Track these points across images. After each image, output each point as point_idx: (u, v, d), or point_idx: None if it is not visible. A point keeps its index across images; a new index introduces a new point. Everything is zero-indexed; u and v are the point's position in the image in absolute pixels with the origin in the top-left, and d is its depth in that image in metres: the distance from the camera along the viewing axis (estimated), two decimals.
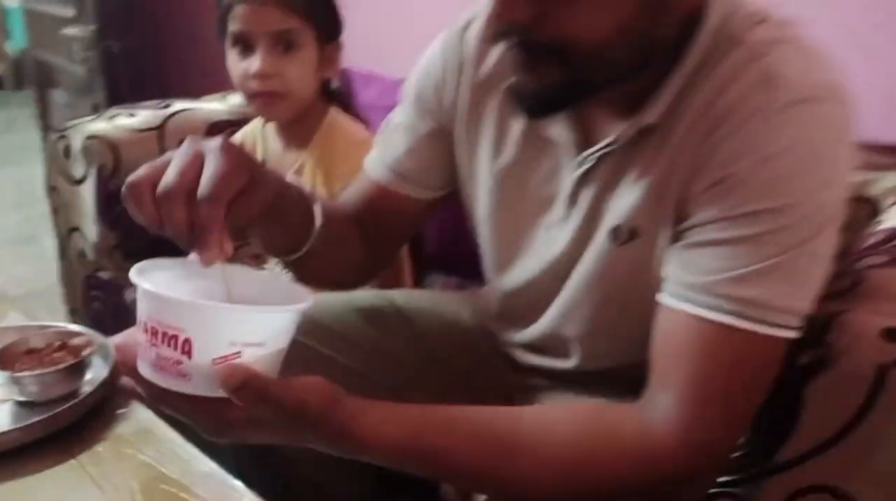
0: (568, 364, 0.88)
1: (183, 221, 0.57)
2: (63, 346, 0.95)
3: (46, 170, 1.49)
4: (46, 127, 2.85)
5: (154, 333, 0.57)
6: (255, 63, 1.12)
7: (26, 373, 0.88)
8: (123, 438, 0.85)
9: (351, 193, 0.93)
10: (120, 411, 0.89)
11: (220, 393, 0.57)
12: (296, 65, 1.14)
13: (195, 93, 1.70)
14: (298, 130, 1.21)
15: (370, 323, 0.95)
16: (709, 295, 0.65)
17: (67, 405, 0.86)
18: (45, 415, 0.85)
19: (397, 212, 0.91)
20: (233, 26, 1.14)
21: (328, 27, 1.18)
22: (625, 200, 0.73)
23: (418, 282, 1.27)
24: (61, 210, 1.48)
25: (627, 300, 0.77)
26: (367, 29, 1.42)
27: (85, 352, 0.92)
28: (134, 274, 0.59)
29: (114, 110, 1.52)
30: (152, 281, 0.58)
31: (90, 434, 0.86)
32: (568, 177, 0.78)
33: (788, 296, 0.64)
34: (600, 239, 0.76)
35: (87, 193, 1.41)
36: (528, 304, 0.88)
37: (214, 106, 1.61)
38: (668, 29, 0.67)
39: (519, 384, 0.96)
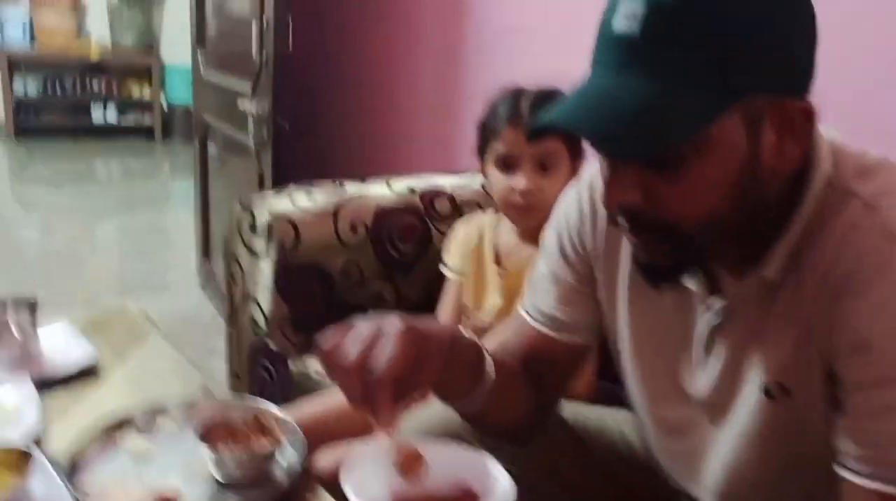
0: None
1: (358, 393, 0.68)
2: (257, 424, 1.00)
3: (228, 240, 1.59)
4: (204, 180, 3.04)
5: None
6: (520, 182, 1.25)
7: (228, 454, 0.93)
8: None
9: (510, 337, 0.96)
10: (308, 495, 0.93)
11: None
12: (553, 182, 1.25)
13: (355, 174, 1.79)
14: (537, 230, 1.28)
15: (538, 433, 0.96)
16: (890, 468, 0.63)
17: (262, 489, 0.91)
18: (242, 499, 0.89)
19: (557, 356, 0.93)
20: (498, 148, 1.27)
21: (579, 142, 1.29)
22: (769, 357, 0.73)
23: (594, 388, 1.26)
24: (238, 278, 1.57)
25: (790, 456, 0.76)
26: None
27: (282, 441, 0.96)
28: (346, 487, 0.68)
29: (293, 189, 1.61)
30: (355, 480, 0.68)
31: None
32: (700, 323, 0.79)
33: None
34: (751, 393, 0.76)
35: (267, 267, 1.49)
36: (687, 450, 0.87)
37: (383, 191, 1.67)
38: (772, 195, 0.68)
39: None
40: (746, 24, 0.62)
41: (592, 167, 0.91)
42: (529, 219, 1.30)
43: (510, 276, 1.34)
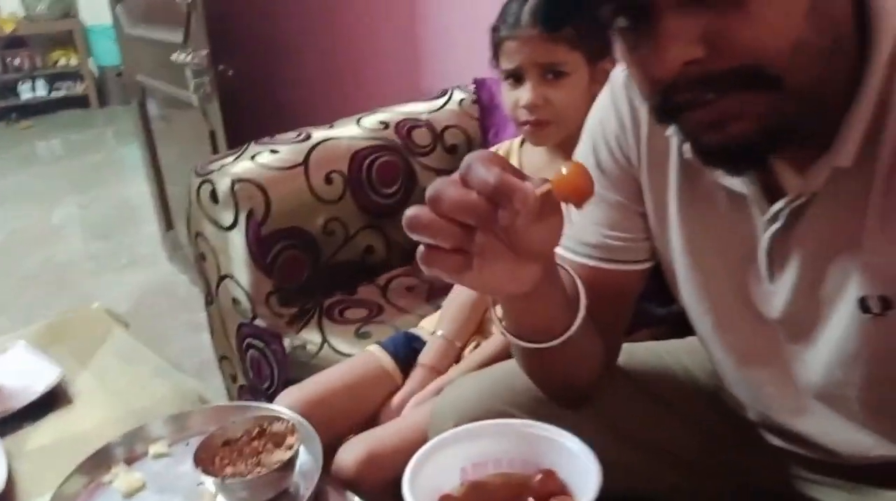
0: (834, 457, 0.75)
1: (474, 201, 0.51)
2: (262, 433, 0.86)
3: (190, 216, 1.41)
4: (151, 146, 2.81)
5: None
6: (524, 95, 1.12)
7: (236, 480, 0.79)
8: None
9: None
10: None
11: None
12: (564, 92, 1.11)
13: (319, 117, 1.60)
14: (569, 142, 1.12)
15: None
16: None
17: None
18: None
19: (613, 291, 0.80)
20: (503, 62, 1.15)
21: (598, 45, 1.13)
22: (862, 264, 0.61)
23: None
24: (209, 257, 1.40)
25: None
26: None
27: (292, 448, 0.82)
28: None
29: (253, 147, 1.42)
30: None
31: None
32: (761, 232, 0.67)
33: None
34: (842, 309, 0.64)
35: (239, 239, 1.32)
36: (768, 379, 0.75)
37: (353, 132, 1.49)
38: (844, 24, 0.56)
39: (769, 465, 0.83)
40: None
41: (621, 68, 0.76)
42: (543, 136, 1.15)
43: None
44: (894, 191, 0.57)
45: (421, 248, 0.53)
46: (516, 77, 1.13)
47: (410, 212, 0.52)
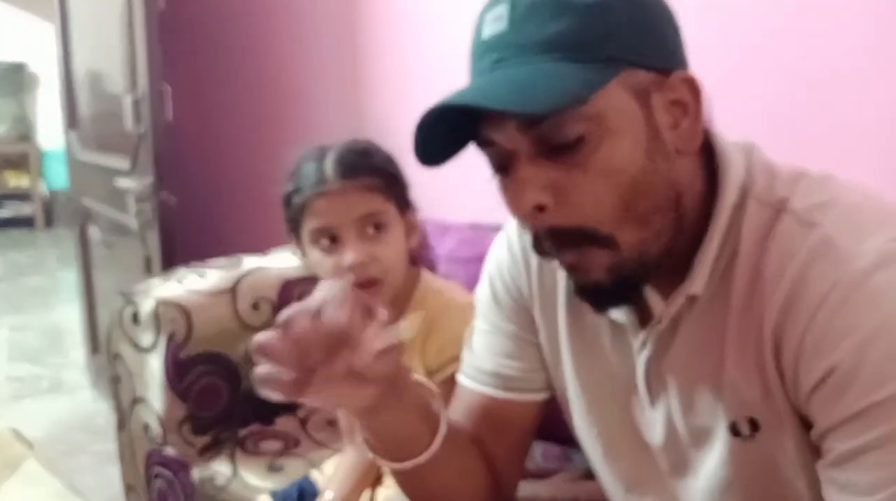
0: None
1: (321, 336, 0.56)
2: None
3: (109, 337, 1.39)
4: (87, 269, 2.78)
5: None
6: (347, 255, 1.02)
7: None
8: None
9: (455, 410, 0.85)
10: None
11: None
12: (390, 247, 1.05)
13: (254, 246, 1.63)
14: (393, 304, 1.07)
15: None
16: None
17: None
18: None
19: (508, 421, 0.82)
20: (313, 223, 1.04)
21: (404, 194, 1.11)
22: (729, 388, 0.65)
23: None
24: (124, 379, 1.37)
25: (778, 497, 0.68)
26: (432, 176, 1.34)
27: None
28: None
29: (183, 271, 1.44)
30: None
31: None
32: (637, 359, 0.71)
33: None
34: (718, 435, 0.67)
35: (156, 362, 1.30)
36: None
37: (286, 263, 1.52)
38: (684, 181, 0.64)
39: None
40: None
41: (509, 222, 0.83)
42: (374, 295, 1.02)
43: None
44: (746, 324, 0.62)
45: (260, 369, 0.57)
46: (331, 238, 1.03)
47: (261, 337, 0.57)
